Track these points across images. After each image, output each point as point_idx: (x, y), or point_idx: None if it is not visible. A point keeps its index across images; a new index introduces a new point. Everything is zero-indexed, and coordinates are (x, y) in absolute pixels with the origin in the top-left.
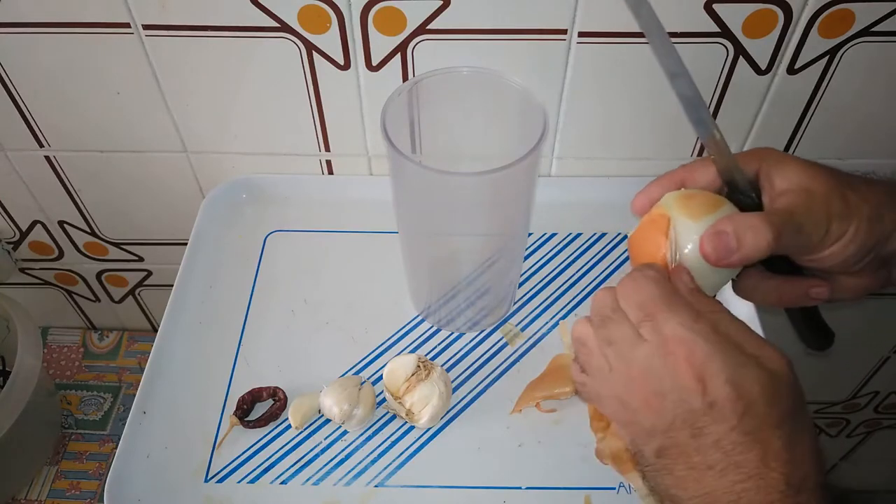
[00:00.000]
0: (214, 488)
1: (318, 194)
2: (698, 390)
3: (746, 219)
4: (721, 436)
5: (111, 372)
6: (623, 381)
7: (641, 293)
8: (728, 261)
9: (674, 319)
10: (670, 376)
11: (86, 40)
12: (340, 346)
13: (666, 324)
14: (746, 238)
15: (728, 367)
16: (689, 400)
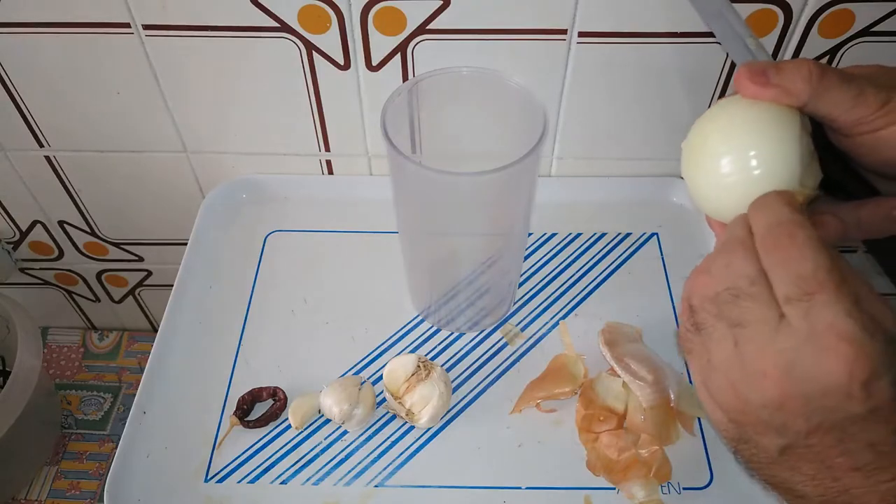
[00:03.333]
0: (214, 488)
1: (318, 194)
2: (861, 398)
3: None
4: (880, 438)
5: (111, 372)
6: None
7: (806, 263)
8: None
9: (837, 306)
10: (824, 378)
11: (86, 40)
12: (340, 346)
13: (827, 310)
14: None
15: (891, 365)
16: (847, 407)
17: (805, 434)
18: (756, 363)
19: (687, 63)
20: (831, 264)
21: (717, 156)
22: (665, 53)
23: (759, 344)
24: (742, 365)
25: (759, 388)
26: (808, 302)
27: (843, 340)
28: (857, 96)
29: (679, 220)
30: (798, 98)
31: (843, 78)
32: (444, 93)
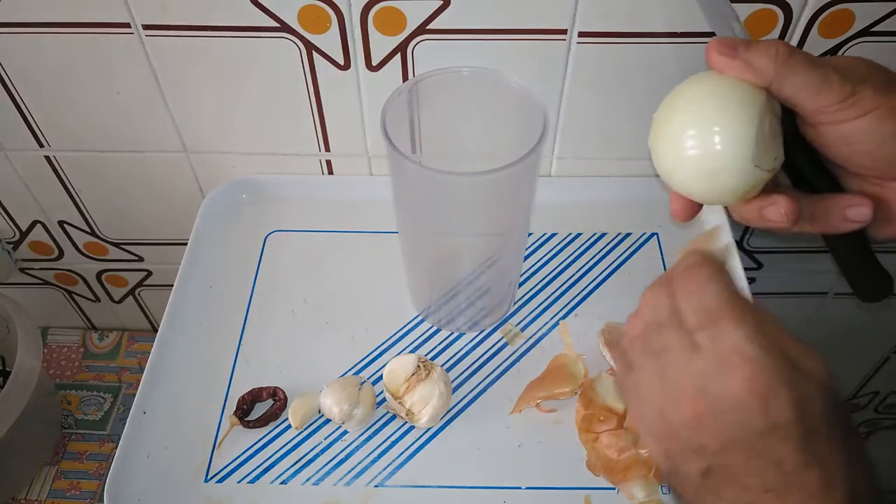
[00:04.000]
0: (214, 488)
1: (318, 194)
2: (761, 411)
3: None
4: (784, 457)
5: (111, 372)
6: (672, 393)
7: (706, 295)
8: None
9: (739, 331)
10: (729, 395)
11: (86, 40)
12: (340, 346)
13: (730, 335)
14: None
15: (792, 387)
16: (750, 421)
17: (719, 451)
18: (676, 385)
19: (687, 63)
20: (731, 296)
21: (681, 129)
22: (665, 53)
23: (678, 367)
24: (665, 389)
25: (678, 408)
26: (714, 328)
27: (744, 360)
28: (821, 83)
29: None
30: (762, 76)
31: (809, 62)
32: (444, 93)
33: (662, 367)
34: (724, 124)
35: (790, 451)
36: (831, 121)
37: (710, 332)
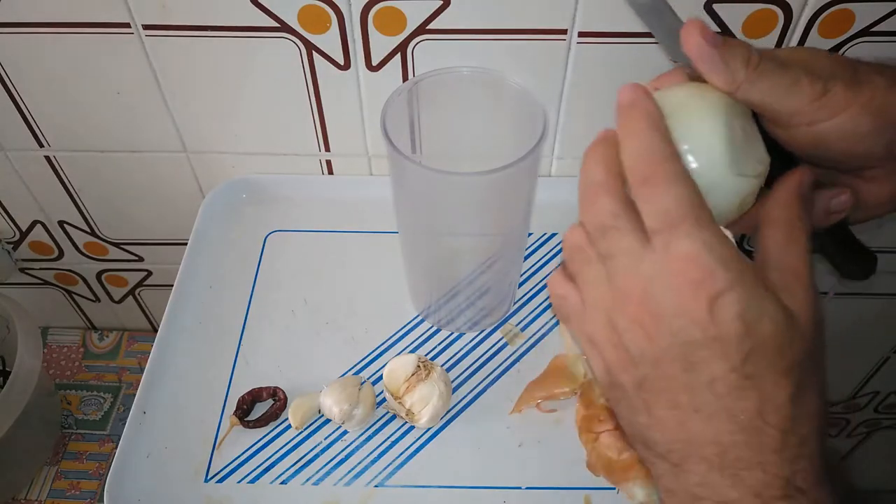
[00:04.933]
0: (214, 488)
1: (318, 194)
2: (704, 321)
3: None
4: (718, 376)
5: (111, 372)
6: (618, 296)
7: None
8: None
9: (698, 235)
10: (675, 299)
11: (86, 40)
12: (340, 346)
13: (687, 238)
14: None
15: (743, 300)
16: (690, 329)
17: (656, 361)
18: (623, 287)
19: None
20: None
21: None
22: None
23: (627, 270)
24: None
25: (624, 310)
26: (671, 233)
27: (695, 265)
28: (791, 85)
29: None
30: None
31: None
32: (444, 93)
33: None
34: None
35: (726, 370)
36: (803, 122)
37: (666, 237)
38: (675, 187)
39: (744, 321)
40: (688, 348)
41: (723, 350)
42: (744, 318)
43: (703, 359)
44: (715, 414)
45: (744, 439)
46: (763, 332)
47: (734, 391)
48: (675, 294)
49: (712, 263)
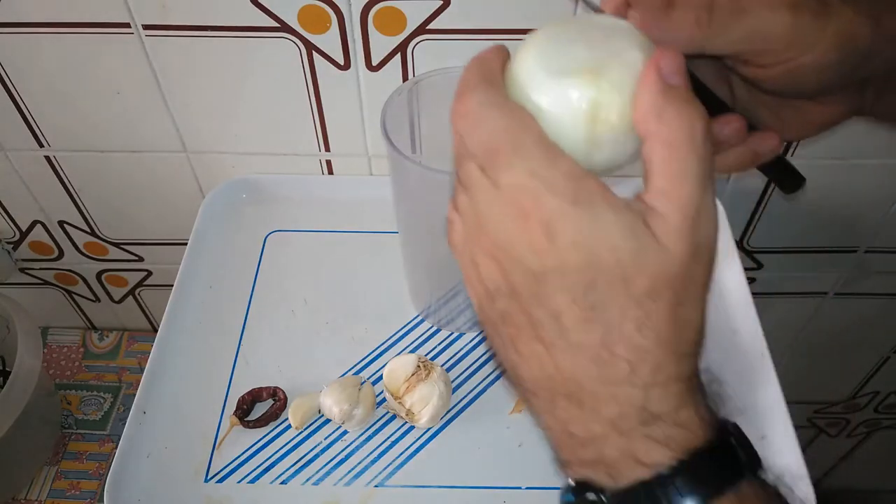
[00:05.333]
0: (214, 488)
1: (318, 194)
2: (543, 251)
3: None
4: (562, 308)
5: (111, 372)
6: (475, 229)
7: (482, 129)
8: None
9: (520, 164)
10: (514, 231)
11: (86, 40)
12: (340, 346)
13: (509, 169)
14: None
15: (578, 226)
16: (532, 261)
17: (511, 294)
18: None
19: None
20: (509, 125)
21: None
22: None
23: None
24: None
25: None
26: (493, 165)
27: (523, 193)
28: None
29: None
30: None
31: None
32: (444, 93)
33: (472, 203)
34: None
35: (567, 302)
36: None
37: (492, 170)
38: (486, 120)
39: (580, 249)
40: (534, 281)
41: (563, 281)
42: (579, 247)
43: (547, 292)
44: (566, 348)
45: (595, 372)
46: (604, 261)
47: (579, 324)
48: (513, 226)
49: (539, 189)
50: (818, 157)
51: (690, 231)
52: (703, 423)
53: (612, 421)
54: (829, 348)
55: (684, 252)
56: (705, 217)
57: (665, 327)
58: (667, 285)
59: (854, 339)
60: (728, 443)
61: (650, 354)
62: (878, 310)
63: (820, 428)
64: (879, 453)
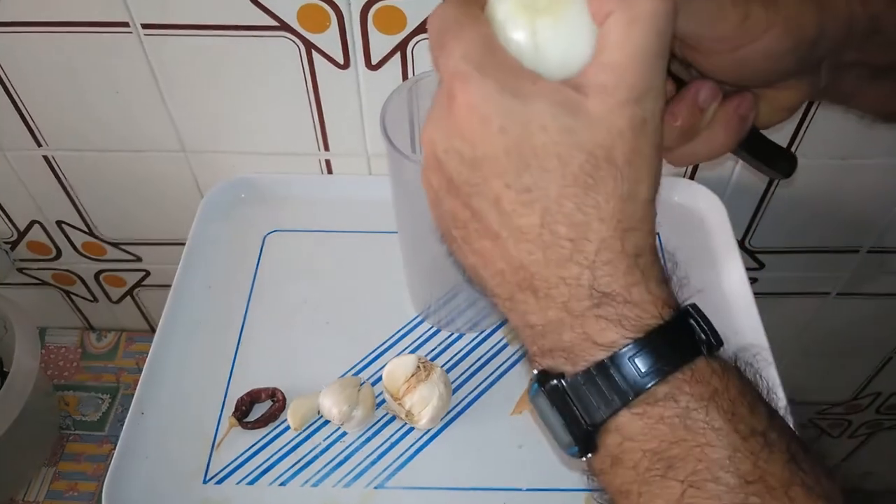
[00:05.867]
0: (213, 489)
1: (318, 194)
2: (469, 138)
3: None
4: (499, 194)
5: (109, 372)
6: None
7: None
8: None
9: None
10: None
11: (85, 39)
12: (340, 347)
13: (449, 56)
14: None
15: (506, 109)
16: (459, 148)
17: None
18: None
19: None
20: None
21: None
22: None
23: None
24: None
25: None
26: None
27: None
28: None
29: (679, 220)
30: None
31: None
32: None
33: None
34: None
35: (502, 187)
36: (727, 48)
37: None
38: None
39: (508, 132)
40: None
41: (495, 166)
42: (507, 130)
43: (483, 178)
44: (510, 236)
45: (541, 257)
46: (535, 141)
47: (517, 207)
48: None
49: (470, 73)
50: (818, 157)
51: (636, 104)
52: (658, 302)
53: (564, 304)
54: (831, 349)
55: (627, 126)
56: (654, 96)
57: (607, 203)
58: (607, 160)
59: (856, 339)
60: (685, 322)
61: (593, 231)
62: (881, 310)
63: (822, 429)
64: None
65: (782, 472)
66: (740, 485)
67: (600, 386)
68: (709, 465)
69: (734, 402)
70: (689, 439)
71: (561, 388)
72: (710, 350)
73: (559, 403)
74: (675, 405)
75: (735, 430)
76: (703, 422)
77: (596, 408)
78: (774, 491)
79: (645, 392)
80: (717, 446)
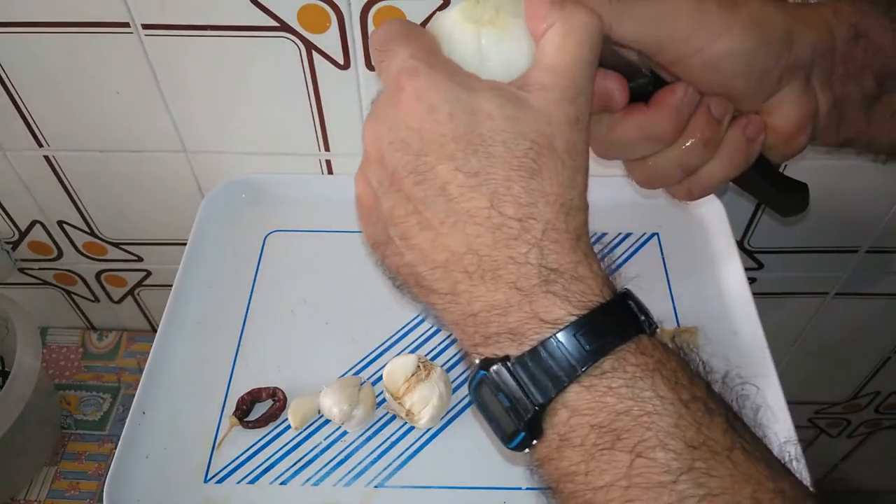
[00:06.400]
0: (214, 489)
1: (318, 194)
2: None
3: None
4: (447, 179)
5: (110, 372)
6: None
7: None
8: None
9: (403, 52)
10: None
11: (85, 40)
12: (340, 347)
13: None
14: None
15: (455, 97)
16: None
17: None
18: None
19: None
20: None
21: None
22: None
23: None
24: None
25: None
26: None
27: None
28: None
29: (679, 220)
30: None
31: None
32: None
33: None
34: None
35: (450, 170)
36: (689, 52)
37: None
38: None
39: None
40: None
41: (443, 151)
42: (457, 116)
43: (429, 164)
44: (458, 220)
45: (489, 239)
46: (483, 127)
47: (466, 191)
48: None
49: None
50: (818, 157)
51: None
52: (601, 280)
53: (513, 283)
54: (830, 348)
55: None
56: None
57: (551, 186)
58: (549, 147)
59: (855, 339)
60: (625, 302)
61: (539, 212)
62: (879, 310)
63: (821, 428)
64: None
65: (723, 438)
66: (686, 450)
67: (548, 362)
68: (656, 433)
69: (675, 373)
70: (635, 409)
71: (507, 369)
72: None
73: (505, 387)
74: (622, 375)
75: (679, 398)
76: (649, 390)
77: (544, 385)
78: (718, 455)
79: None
80: (662, 414)
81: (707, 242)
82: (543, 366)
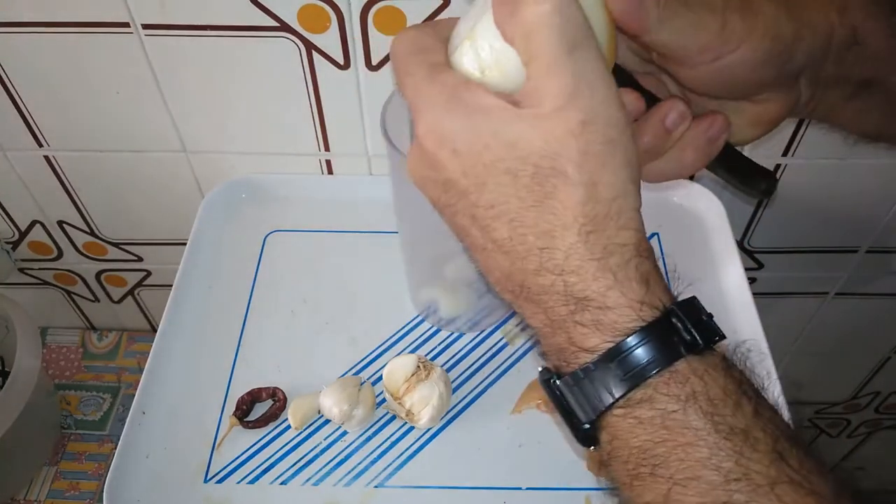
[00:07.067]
0: (214, 489)
1: (318, 194)
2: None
3: None
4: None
5: (110, 372)
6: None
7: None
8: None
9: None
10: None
11: (85, 40)
12: (340, 347)
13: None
14: None
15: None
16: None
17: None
18: None
19: None
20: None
21: None
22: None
23: None
24: None
25: None
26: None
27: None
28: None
29: (679, 220)
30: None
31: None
32: None
33: None
34: None
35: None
36: (708, 59)
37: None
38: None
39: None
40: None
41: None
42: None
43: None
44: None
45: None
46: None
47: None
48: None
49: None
50: (818, 157)
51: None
52: (637, 304)
53: (549, 310)
54: (830, 349)
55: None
56: (585, 94)
57: (564, 210)
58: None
59: (855, 339)
60: (668, 322)
61: (558, 238)
62: (879, 310)
63: (821, 428)
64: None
65: (768, 470)
66: (723, 482)
67: (588, 388)
68: (691, 464)
69: (714, 402)
70: (670, 439)
71: (555, 386)
72: (695, 349)
73: (563, 398)
74: (652, 407)
75: (716, 429)
76: (681, 422)
77: (586, 408)
78: (760, 488)
79: (624, 397)
80: (697, 445)
81: (707, 242)
82: (584, 390)
